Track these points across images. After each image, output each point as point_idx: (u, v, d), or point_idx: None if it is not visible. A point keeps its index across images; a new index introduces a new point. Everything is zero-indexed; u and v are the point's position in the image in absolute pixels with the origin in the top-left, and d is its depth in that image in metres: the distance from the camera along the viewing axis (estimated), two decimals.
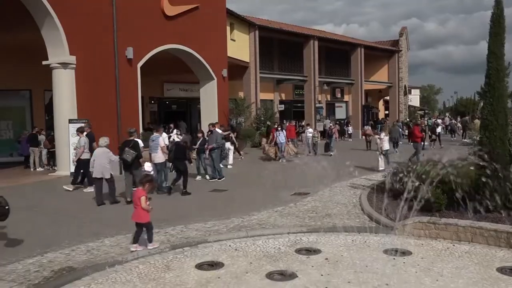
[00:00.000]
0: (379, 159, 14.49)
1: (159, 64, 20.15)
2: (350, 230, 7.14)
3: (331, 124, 20.66)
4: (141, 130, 14.63)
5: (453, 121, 35.76)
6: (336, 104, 38.04)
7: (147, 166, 11.10)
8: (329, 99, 36.35)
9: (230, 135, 16.94)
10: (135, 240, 6.39)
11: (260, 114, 25.32)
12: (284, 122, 22.86)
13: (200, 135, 13.85)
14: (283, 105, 31.37)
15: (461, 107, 70.20)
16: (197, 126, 23.03)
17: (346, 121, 33.16)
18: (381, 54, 38.90)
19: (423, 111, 66.55)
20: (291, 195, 10.34)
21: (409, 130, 18.78)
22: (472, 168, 7.61)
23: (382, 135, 15.09)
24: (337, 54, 35.07)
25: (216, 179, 12.89)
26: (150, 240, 6.46)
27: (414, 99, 66.28)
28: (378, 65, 39.40)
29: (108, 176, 9.86)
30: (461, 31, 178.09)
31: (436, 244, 6.55)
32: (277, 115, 29.35)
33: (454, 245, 6.45)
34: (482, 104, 8.56)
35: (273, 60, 30.61)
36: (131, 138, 10.60)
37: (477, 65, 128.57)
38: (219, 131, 17.17)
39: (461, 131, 31.89)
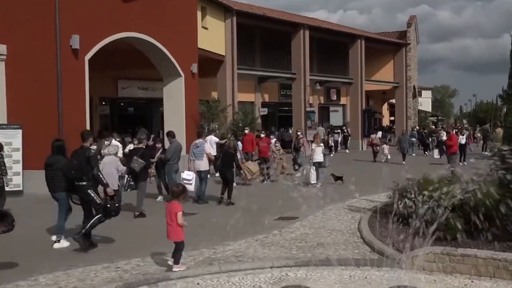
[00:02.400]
0: (311, 171, 15.58)
1: (112, 57, 19.92)
2: (347, 263, 7.15)
3: (299, 133, 20.22)
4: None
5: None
6: (331, 108, 38.38)
7: (187, 174, 12.14)
8: (322, 102, 36.66)
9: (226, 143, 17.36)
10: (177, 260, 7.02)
11: (238, 120, 25.33)
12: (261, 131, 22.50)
13: (159, 145, 13.73)
14: (266, 109, 31.47)
15: (480, 113, 71.83)
16: (159, 133, 22.87)
17: (330, 129, 33.11)
18: (386, 47, 39.55)
19: (436, 118, 67.82)
20: (275, 220, 10.35)
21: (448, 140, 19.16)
22: (494, 187, 7.74)
23: (313, 145, 16.10)
24: (332, 47, 35.50)
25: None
26: (177, 261, 6.97)
27: (425, 102, 67.45)
28: (381, 61, 40.03)
29: (116, 187, 10.40)
30: (481, 22, 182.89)
31: (451, 280, 6.61)
32: (259, 120, 29.38)
33: (473, 281, 6.52)
34: (505, 109, 8.74)
35: (254, 53, 30.75)
36: (140, 145, 11.44)
37: (500, 62, 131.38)
38: (215, 138, 17.15)
39: (481, 141, 32.61)
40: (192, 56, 20.77)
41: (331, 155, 28.59)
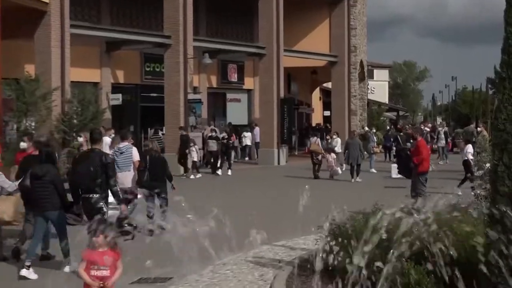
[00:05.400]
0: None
1: None
2: None
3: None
4: None
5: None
6: (230, 96, 38.82)
7: None
8: (215, 85, 37.03)
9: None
10: None
11: (71, 113, 24.94)
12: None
13: None
14: (120, 95, 31.20)
15: (463, 106, 75.92)
16: None
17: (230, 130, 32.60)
18: None
19: (396, 113, 70.77)
20: (131, 283, 10.30)
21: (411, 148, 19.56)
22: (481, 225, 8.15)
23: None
24: None
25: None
26: None
27: (379, 88, 70.38)
28: (311, 21, 40.99)
29: None
30: None
31: None
32: (108, 114, 29.03)
33: None
34: (496, 101, 9.27)
35: (99, 1, 30.41)
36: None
37: (491, 27, 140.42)
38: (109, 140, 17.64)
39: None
40: None
41: (193, 177, 27.55)
